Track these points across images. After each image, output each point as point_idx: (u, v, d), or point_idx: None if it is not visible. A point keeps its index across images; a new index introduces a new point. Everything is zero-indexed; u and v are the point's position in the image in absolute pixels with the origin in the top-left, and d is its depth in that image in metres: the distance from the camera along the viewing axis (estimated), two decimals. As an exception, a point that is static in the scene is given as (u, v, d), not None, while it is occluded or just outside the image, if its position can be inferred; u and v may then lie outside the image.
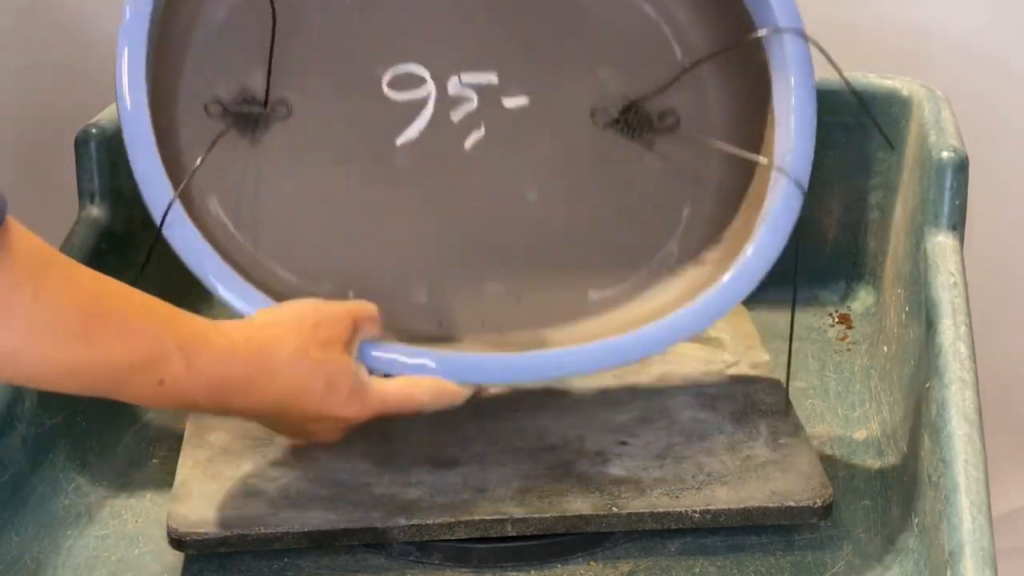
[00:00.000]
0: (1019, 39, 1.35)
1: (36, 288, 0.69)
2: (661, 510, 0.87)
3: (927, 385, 0.89)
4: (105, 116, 1.06)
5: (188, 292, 1.04)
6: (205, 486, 0.90)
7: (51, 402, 0.95)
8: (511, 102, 0.97)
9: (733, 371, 1.03)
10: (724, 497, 0.88)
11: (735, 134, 0.97)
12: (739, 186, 0.97)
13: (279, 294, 0.93)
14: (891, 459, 0.95)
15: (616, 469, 0.91)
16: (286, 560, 0.88)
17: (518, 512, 0.87)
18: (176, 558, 0.88)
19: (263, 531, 0.86)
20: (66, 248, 1.02)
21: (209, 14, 0.95)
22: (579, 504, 0.88)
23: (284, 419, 0.85)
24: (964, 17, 1.35)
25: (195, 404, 0.79)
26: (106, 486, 0.95)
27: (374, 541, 0.87)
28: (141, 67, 0.89)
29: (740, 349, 1.06)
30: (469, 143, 0.97)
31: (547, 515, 0.87)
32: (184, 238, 0.91)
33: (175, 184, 0.89)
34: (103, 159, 1.07)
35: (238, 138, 0.96)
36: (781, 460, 0.92)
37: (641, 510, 0.87)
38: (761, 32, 0.90)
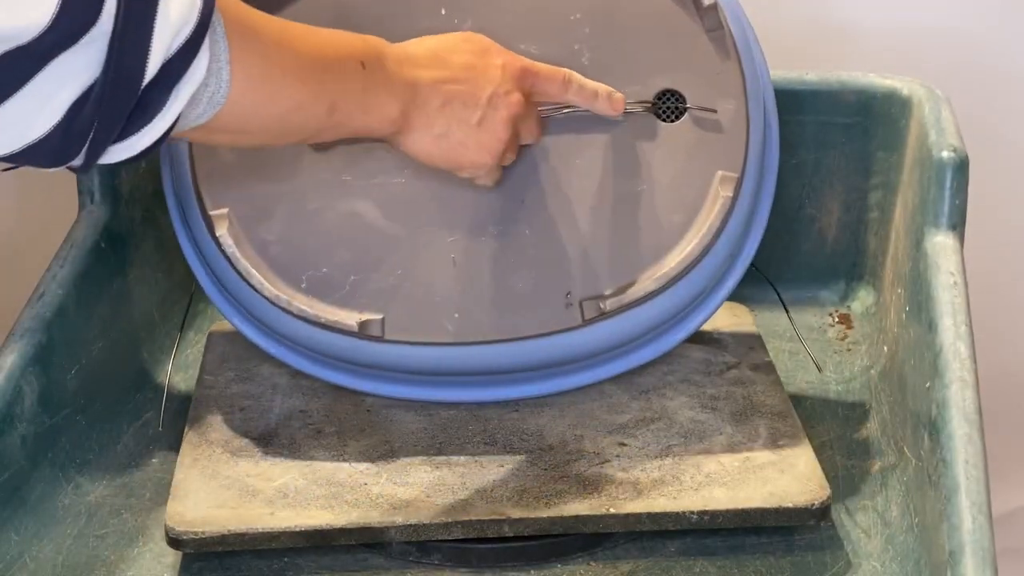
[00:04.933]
0: (1019, 39, 1.35)
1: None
2: (659, 511, 0.87)
3: (927, 385, 0.89)
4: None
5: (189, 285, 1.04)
6: (204, 485, 0.90)
7: (51, 401, 0.95)
8: None
9: (734, 372, 1.03)
10: (722, 498, 0.88)
11: None
12: None
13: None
14: (891, 459, 0.95)
15: (614, 470, 0.91)
16: (285, 559, 0.88)
17: (515, 513, 0.87)
18: (175, 557, 0.88)
19: (261, 530, 0.86)
20: (67, 245, 1.02)
21: None
22: (576, 505, 0.88)
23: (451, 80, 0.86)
24: (964, 17, 1.34)
25: (384, 66, 0.83)
26: (106, 485, 0.95)
27: (371, 541, 0.87)
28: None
29: (741, 350, 1.05)
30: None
31: (544, 516, 0.87)
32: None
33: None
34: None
35: None
36: (780, 461, 0.92)
37: (638, 511, 0.87)
38: None
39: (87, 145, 0.66)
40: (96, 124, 0.66)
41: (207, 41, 0.69)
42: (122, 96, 0.66)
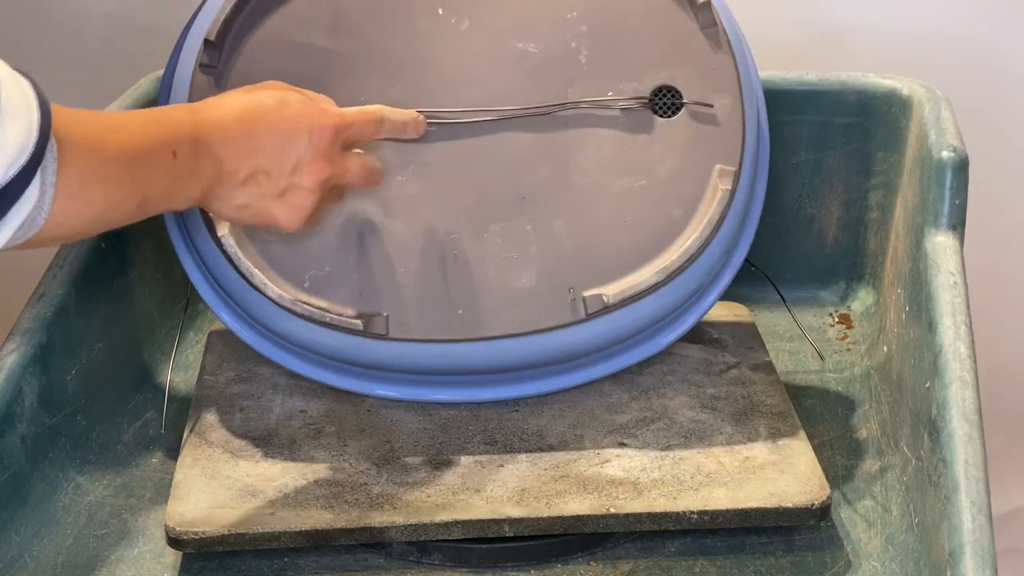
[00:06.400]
0: (1019, 39, 1.35)
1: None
2: (659, 511, 0.87)
3: (927, 385, 0.89)
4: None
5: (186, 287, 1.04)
6: (204, 485, 0.90)
7: (51, 401, 0.95)
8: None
9: (734, 372, 1.03)
10: (722, 498, 0.88)
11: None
12: None
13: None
14: (891, 459, 0.95)
15: (614, 470, 0.91)
16: (286, 559, 0.88)
17: (515, 512, 0.87)
18: (175, 557, 0.89)
19: (261, 530, 0.86)
20: (67, 246, 1.02)
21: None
22: (576, 505, 0.88)
23: (259, 154, 0.84)
24: (964, 17, 1.35)
25: (195, 157, 0.81)
26: (106, 485, 0.95)
27: (371, 541, 0.88)
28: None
29: (741, 350, 1.05)
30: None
31: (544, 516, 0.87)
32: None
33: None
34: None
35: None
36: (780, 461, 0.92)
37: (639, 511, 0.87)
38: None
39: None
40: None
41: (39, 171, 0.68)
42: None
